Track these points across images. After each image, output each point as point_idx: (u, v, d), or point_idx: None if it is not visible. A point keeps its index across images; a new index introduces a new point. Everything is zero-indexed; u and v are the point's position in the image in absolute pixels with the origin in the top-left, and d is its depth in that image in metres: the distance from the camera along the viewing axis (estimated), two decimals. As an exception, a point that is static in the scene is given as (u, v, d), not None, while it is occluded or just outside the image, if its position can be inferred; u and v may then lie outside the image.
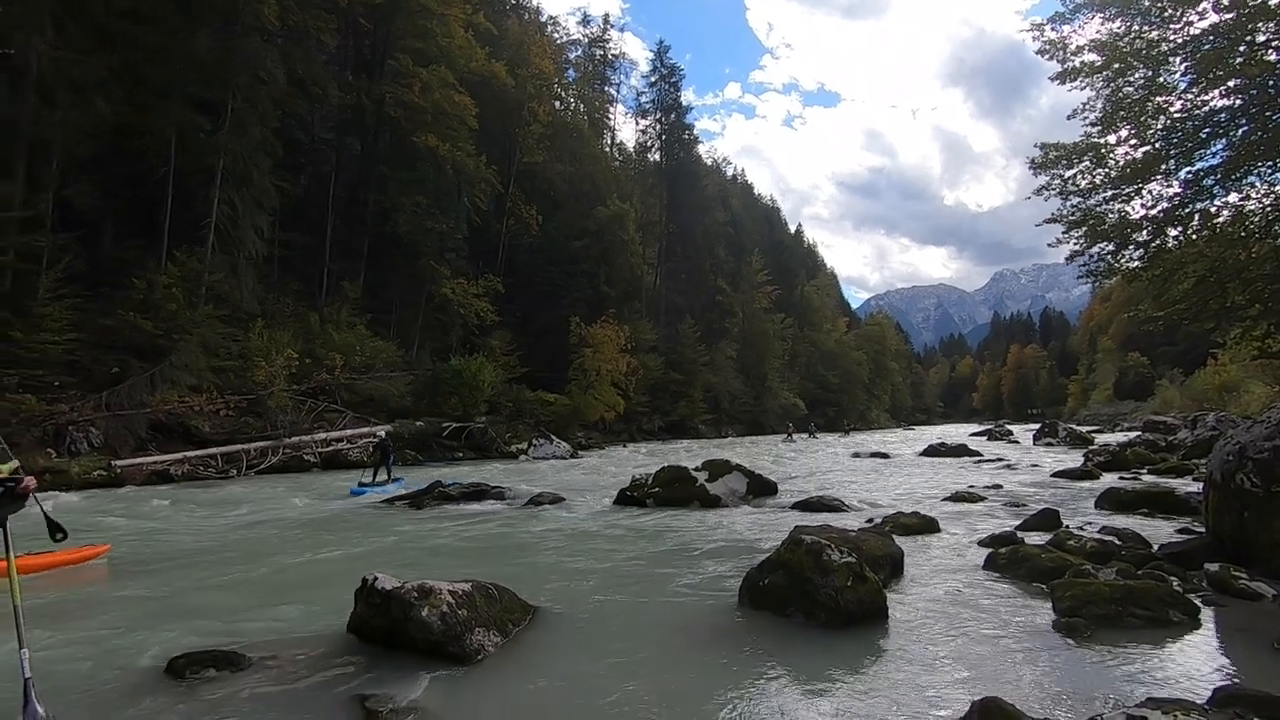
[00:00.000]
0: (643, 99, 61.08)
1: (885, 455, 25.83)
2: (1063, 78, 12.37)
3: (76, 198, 22.52)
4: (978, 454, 24.25)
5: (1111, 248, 13.27)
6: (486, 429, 28.42)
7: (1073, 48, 12.29)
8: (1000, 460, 21.90)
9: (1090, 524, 8.94)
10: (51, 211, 21.26)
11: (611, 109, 64.28)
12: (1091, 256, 13.62)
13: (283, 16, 26.74)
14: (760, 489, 12.92)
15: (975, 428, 58.15)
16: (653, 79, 59.92)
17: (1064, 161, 12.87)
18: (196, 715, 3.66)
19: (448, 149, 33.54)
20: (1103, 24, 11.91)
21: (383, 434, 16.10)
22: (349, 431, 24.31)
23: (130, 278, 22.59)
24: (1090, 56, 12.09)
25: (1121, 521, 9.02)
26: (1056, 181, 13.17)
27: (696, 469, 12.83)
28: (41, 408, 18.19)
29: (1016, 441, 35.72)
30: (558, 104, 51.86)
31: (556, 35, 58.31)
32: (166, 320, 22.16)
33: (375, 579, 4.76)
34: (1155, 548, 7.17)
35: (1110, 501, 10.76)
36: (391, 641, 4.49)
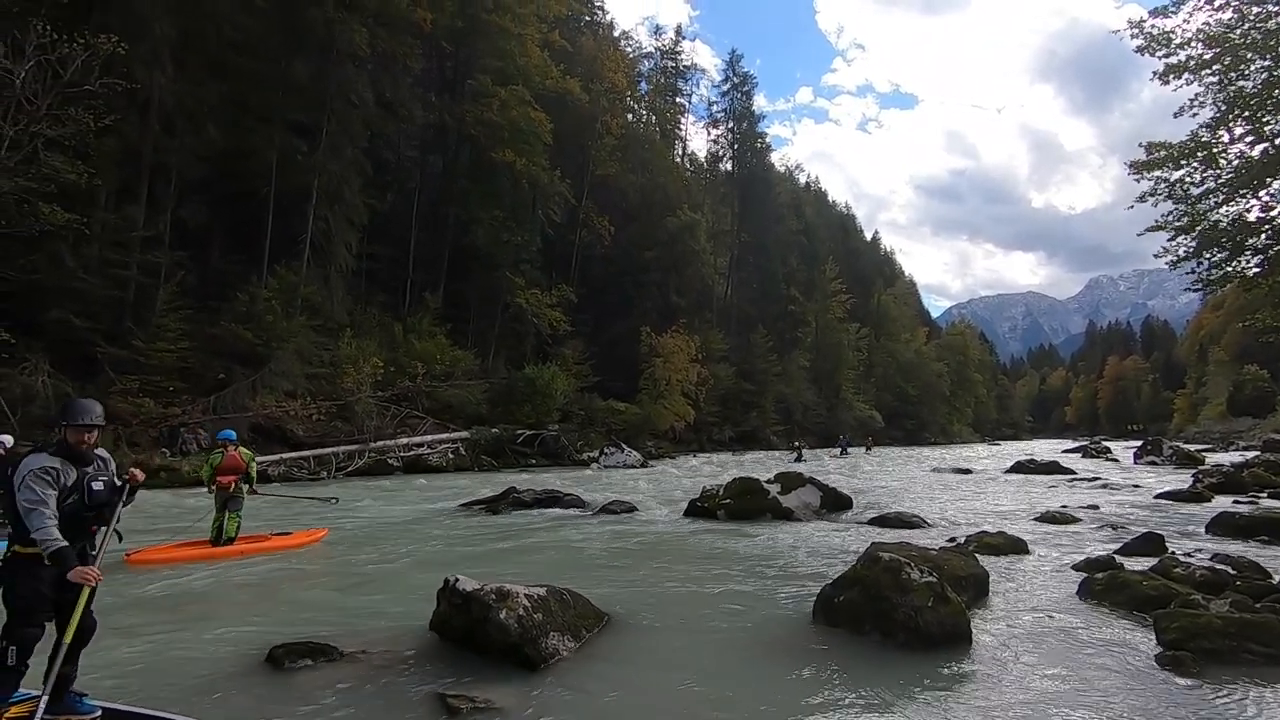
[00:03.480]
0: (714, 108, 61.08)
1: (968, 471, 24.71)
2: (1165, 75, 11.58)
3: (189, 217, 24.50)
4: (1071, 472, 22.82)
5: (1225, 254, 12.28)
6: (559, 437, 28.93)
7: (1177, 42, 11.50)
8: (1096, 479, 20.53)
9: (1200, 550, 8.28)
10: (168, 230, 23.21)
11: (683, 119, 64.58)
12: (1201, 263, 12.64)
13: (372, 43, 28.30)
14: (835, 503, 12.62)
15: (1068, 444, 54.75)
16: (724, 88, 59.89)
17: (1170, 163, 12.02)
18: (291, 702, 3.90)
19: (524, 164, 34.55)
20: (1212, 15, 11.10)
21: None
22: (429, 437, 25.30)
23: (235, 291, 24.36)
24: (1198, 50, 11.29)
25: (1236, 549, 8.31)
26: (1162, 185, 12.30)
27: (769, 481, 12.67)
28: (158, 410, 19.80)
29: (1115, 459, 33.38)
30: (630, 116, 52.53)
31: (629, 48, 59.14)
32: (265, 330, 23.73)
33: (456, 580, 4.95)
34: (1276, 579, 6.57)
35: (1223, 527, 9.93)
36: (470, 641, 4.65)
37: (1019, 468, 24.32)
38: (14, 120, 17.33)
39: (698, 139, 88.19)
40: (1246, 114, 11.15)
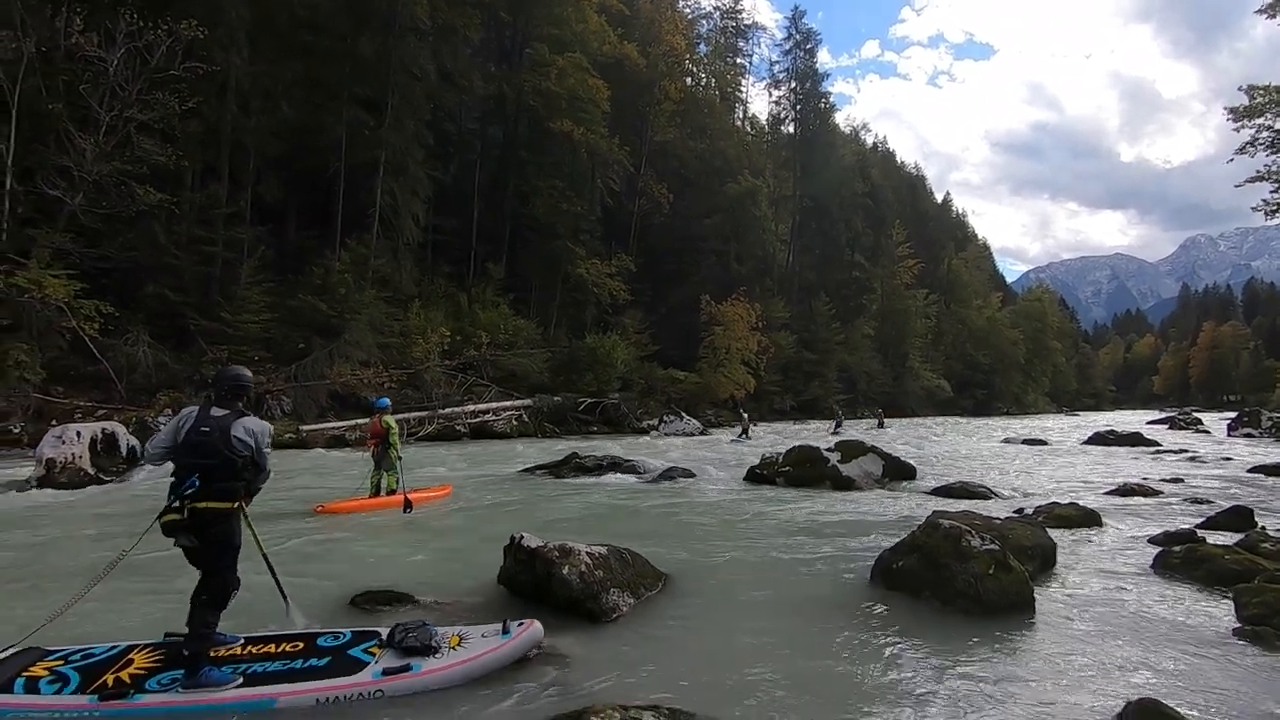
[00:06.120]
0: (775, 68, 59.00)
1: (1042, 442, 23.78)
2: (1274, 8, 10.55)
3: (266, 193, 25.70)
4: (1155, 444, 21.69)
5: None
6: (619, 405, 29.34)
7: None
8: (1183, 451, 19.47)
9: (1293, 527, 7.81)
10: (248, 207, 24.44)
11: (743, 80, 62.81)
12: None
13: (433, 15, 28.64)
14: (897, 472, 12.43)
15: (1154, 415, 51.79)
16: (786, 46, 57.73)
17: (1275, 108, 11.03)
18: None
19: (582, 133, 34.52)
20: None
21: None
22: (494, 405, 26.08)
23: (310, 264, 25.51)
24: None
25: (1336, 526, 7.80)
26: (1265, 133, 11.32)
27: (829, 450, 12.56)
28: (245, 378, 21.08)
29: (1206, 431, 31.48)
30: (689, 80, 51.46)
31: (687, 9, 57.60)
32: (339, 302, 24.82)
33: (521, 538, 5.20)
34: (1379, 557, 6.15)
35: (1323, 503, 9.32)
36: (536, 595, 4.90)
37: (1098, 439, 23.29)
38: (109, 106, 18.50)
39: (758, 101, 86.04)
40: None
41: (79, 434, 11.18)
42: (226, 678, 3.42)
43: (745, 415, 27.49)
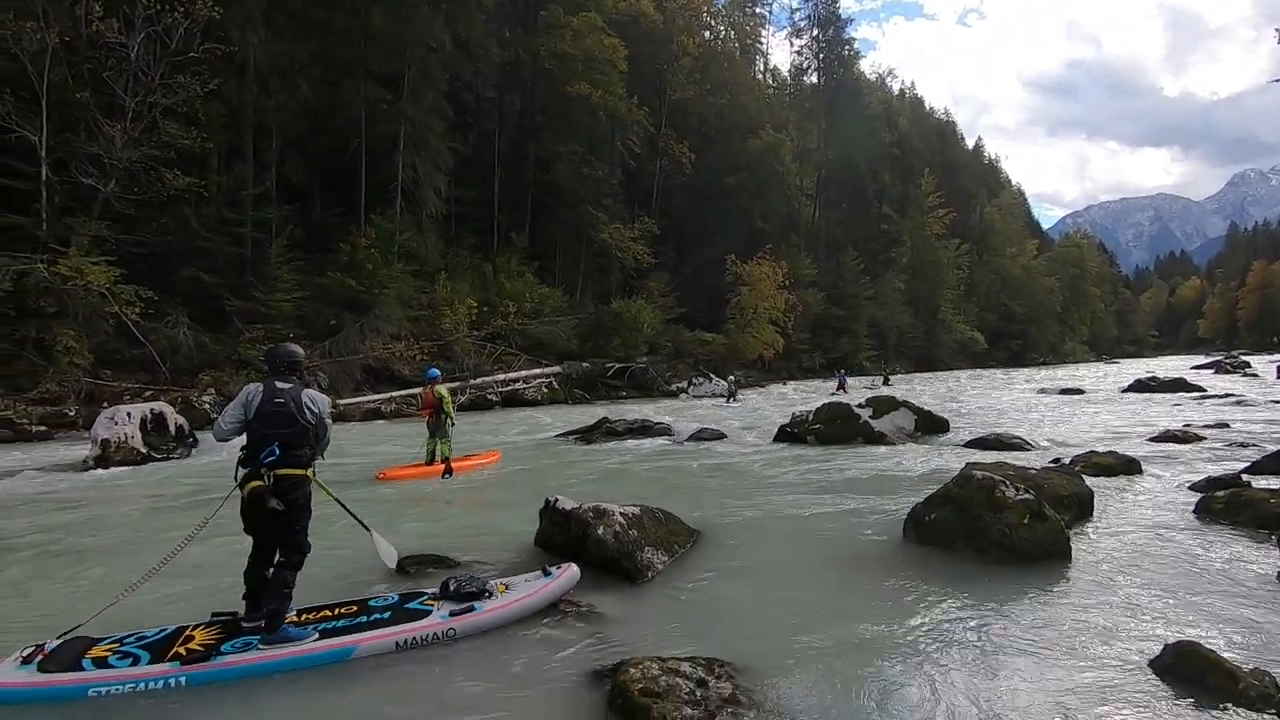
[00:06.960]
0: (796, 16, 57.25)
1: (1079, 391, 23.31)
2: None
3: (291, 173, 25.91)
4: (1199, 389, 21.10)
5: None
6: (648, 368, 29.46)
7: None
8: (1229, 396, 18.94)
9: (1345, 468, 7.59)
10: (274, 187, 24.71)
11: (763, 30, 60.98)
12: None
13: (445, -19, 28.19)
14: (931, 426, 12.35)
15: (1199, 359, 50.24)
16: (808, -8, 55.78)
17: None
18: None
19: (600, 95, 33.99)
20: None
21: None
22: (524, 373, 26.37)
23: (337, 241, 25.79)
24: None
25: (1390, 466, 7.55)
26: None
27: (860, 406, 12.51)
28: (282, 356, 21.62)
29: (1254, 375, 30.51)
30: (707, 34, 50.13)
31: (704, -41, 55.77)
32: (368, 278, 25.11)
33: (556, 500, 5.33)
34: None
35: (1377, 443, 9.02)
36: (572, 555, 5.00)
37: (1139, 386, 22.75)
38: (133, 92, 18.73)
39: (779, 52, 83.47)
40: None
41: (130, 414, 11.60)
42: (305, 633, 3.59)
43: (732, 379, 27.45)
